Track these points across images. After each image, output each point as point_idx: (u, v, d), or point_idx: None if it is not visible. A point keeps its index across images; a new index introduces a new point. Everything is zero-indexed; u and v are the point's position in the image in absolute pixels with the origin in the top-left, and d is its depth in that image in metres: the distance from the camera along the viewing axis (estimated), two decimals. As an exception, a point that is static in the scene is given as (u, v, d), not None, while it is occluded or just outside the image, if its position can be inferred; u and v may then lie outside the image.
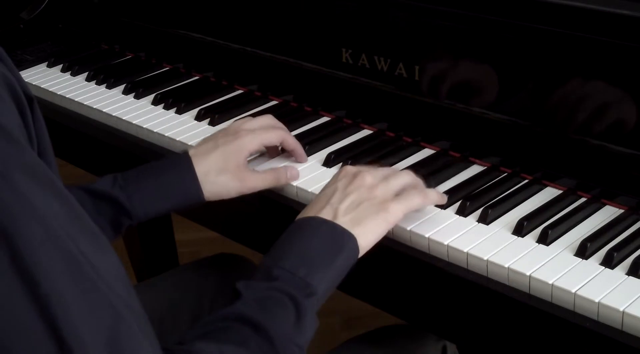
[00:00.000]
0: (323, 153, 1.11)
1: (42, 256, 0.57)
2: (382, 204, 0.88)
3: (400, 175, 0.93)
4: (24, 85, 0.64)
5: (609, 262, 0.85)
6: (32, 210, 0.57)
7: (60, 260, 0.57)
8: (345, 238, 0.84)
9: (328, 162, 1.08)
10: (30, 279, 0.56)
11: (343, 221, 0.86)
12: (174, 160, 1.01)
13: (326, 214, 0.86)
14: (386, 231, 0.89)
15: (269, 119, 1.08)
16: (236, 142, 1.00)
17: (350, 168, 0.93)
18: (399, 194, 0.91)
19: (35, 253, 0.56)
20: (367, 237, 0.86)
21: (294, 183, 1.04)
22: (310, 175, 1.06)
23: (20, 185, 0.57)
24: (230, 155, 0.99)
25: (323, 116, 1.22)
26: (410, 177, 0.94)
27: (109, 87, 1.38)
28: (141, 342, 0.60)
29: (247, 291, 0.78)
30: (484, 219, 0.94)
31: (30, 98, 0.64)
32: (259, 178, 1.01)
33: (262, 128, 1.04)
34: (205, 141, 1.03)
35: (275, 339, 0.74)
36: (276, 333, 0.75)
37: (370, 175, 0.91)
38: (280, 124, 1.08)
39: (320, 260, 0.82)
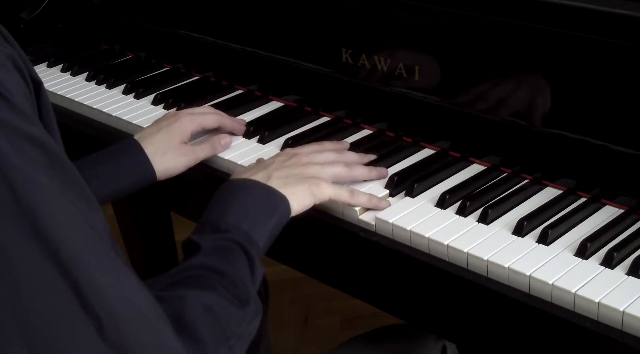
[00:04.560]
0: (323, 153, 1.10)
1: (56, 219, 0.60)
2: (313, 179, 0.95)
3: (334, 166, 0.99)
4: (31, 69, 0.66)
5: (609, 262, 0.85)
6: (35, 178, 0.59)
7: (70, 223, 0.61)
8: (279, 199, 0.91)
9: (328, 162, 1.08)
10: (47, 240, 0.59)
11: (274, 184, 0.92)
12: (124, 145, 1.08)
13: (260, 177, 0.93)
14: (312, 204, 0.95)
15: (207, 107, 1.19)
16: (177, 123, 1.10)
17: (290, 150, 1.01)
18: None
19: (49, 216, 0.59)
20: (294, 202, 0.92)
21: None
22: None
23: (27, 154, 0.59)
24: (173, 134, 1.08)
25: (323, 116, 1.22)
26: (344, 171, 1.00)
27: (109, 87, 1.38)
28: (141, 289, 0.65)
29: (203, 243, 0.82)
30: (484, 219, 0.94)
31: (37, 82, 0.66)
32: (199, 149, 1.10)
33: (200, 112, 1.14)
34: (149, 126, 1.12)
35: (238, 283, 0.79)
36: (237, 277, 0.80)
37: (307, 158, 0.99)
38: (219, 113, 1.17)
39: (259, 217, 0.88)
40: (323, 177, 0.97)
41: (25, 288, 0.58)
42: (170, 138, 1.08)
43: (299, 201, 0.93)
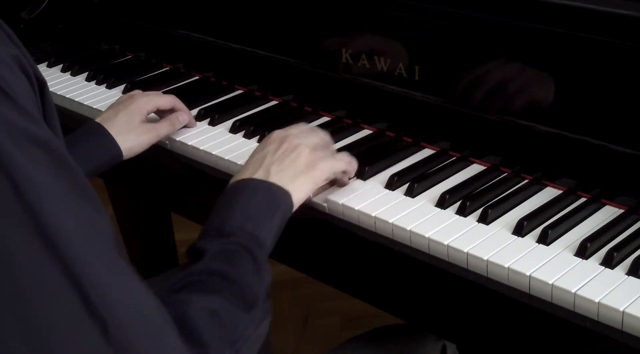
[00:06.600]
0: (323, 153, 1.10)
1: (60, 219, 0.59)
2: (309, 164, 0.95)
3: (323, 146, 1.00)
4: (35, 69, 0.66)
5: (609, 262, 0.85)
6: (36, 179, 0.59)
7: (74, 223, 0.60)
8: (281, 194, 0.91)
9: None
10: (51, 241, 0.58)
11: (274, 179, 0.92)
12: (88, 129, 1.13)
13: (259, 175, 0.93)
14: (314, 188, 0.97)
15: (159, 93, 1.23)
16: (135, 104, 1.15)
17: (278, 133, 0.99)
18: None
19: (54, 217, 0.59)
20: (297, 194, 0.93)
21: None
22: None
23: (31, 154, 0.59)
24: (132, 115, 1.14)
25: (323, 116, 1.22)
26: (332, 153, 1.00)
27: (109, 87, 1.38)
28: (145, 291, 0.65)
29: (207, 248, 0.82)
30: (484, 219, 0.94)
31: (42, 82, 0.66)
32: (159, 127, 1.16)
33: (154, 93, 1.20)
34: (107, 110, 1.17)
35: (244, 286, 0.79)
36: (243, 281, 0.79)
37: (297, 138, 0.98)
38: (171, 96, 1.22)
39: (263, 215, 0.88)
40: (318, 157, 0.97)
41: (28, 288, 0.58)
42: (131, 119, 1.13)
43: (301, 191, 0.94)
